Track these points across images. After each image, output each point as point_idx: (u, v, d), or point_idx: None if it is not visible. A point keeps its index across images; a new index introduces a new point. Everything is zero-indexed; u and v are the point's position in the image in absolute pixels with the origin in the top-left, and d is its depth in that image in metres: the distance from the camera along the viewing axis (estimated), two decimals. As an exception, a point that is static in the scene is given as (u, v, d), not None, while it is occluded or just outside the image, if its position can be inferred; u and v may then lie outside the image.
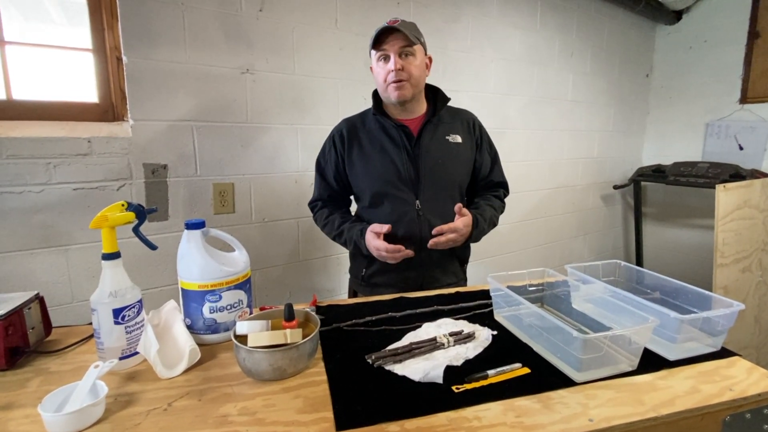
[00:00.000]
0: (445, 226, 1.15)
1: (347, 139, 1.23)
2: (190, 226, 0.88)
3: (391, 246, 1.12)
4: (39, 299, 0.90)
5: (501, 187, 1.36)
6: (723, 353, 0.84)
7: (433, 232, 1.15)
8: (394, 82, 1.13)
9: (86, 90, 1.34)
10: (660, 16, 2.92)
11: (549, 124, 2.57)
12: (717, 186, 2.03)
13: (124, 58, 1.30)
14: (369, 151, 1.20)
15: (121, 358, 0.79)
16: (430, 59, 1.23)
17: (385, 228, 1.14)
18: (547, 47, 2.46)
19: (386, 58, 1.13)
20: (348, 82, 1.75)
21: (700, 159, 2.93)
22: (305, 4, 1.59)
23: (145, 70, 1.33)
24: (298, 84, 1.63)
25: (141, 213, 0.84)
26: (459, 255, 1.32)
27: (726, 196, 2.03)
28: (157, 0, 1.32)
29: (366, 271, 1.27)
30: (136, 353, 0.81)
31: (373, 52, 1.16)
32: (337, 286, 1.86)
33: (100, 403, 0.66)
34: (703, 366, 0.80)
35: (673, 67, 3.06)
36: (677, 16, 2.97)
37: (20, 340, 0.82)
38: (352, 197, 1.34)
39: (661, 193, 3.18)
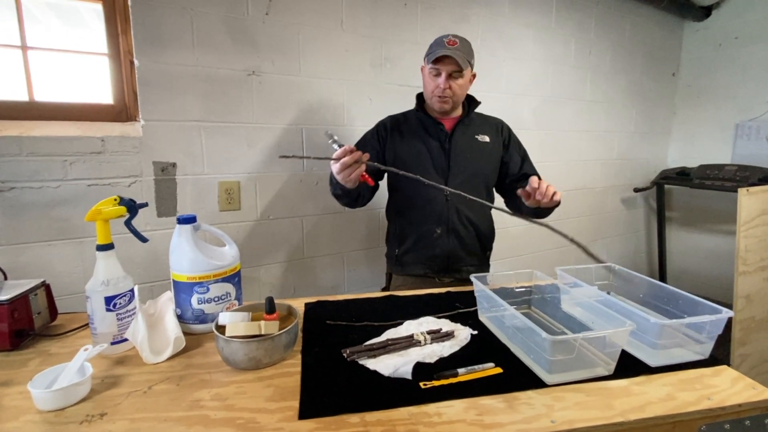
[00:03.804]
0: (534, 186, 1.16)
1: (390, 129, 1.41)
2: (182, 221, 0.93)
3: (342, 152, 1.05)
4: (45, 286, 0.97)
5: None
6: (710, 361, 0.81)
7: (532, 193, 1.16)
8: (439, 96, 1.31)
9: (103, 92, 1.42)
10: (687, 12, 2.80)
11: (565, 125, 2.51)
12: (739, 189, 1.93)
13: (136, 62, 1.37)
14: (409, 139, 1.38)
15: (112, 343, 0.85)
16: (474, 75, 1.38)
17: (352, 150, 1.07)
18: (563, 46, 2.40)
19: (438, 74, 1.29)
20: (353, 83, 1.77)
21: (730, 161, 2.79)
22: (311, 6, 1.63)
23: (156, 72, 1.40)
24: (303, 85, 1.67)
25: (132, 207, 0.89)
26: (482, 239, 1.43)
27: (749, 200, 1.92)
28: (168, 6, 1.39)
29: (398, 250, 1.43)
30: (128, 339, 0.86)
31: (427, 61, 1.31)
32: (340, 283, 1.89)
33: (85, 383, 0.71)
34: (685, 373, 0.77)
35: (701, 65, 2.93)
36: (706, 12, 2.83)
37: (25, 324, 0.89)
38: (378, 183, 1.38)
39: (687, 197, 3.04)
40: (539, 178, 1.20)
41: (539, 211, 1.28)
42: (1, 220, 1.26)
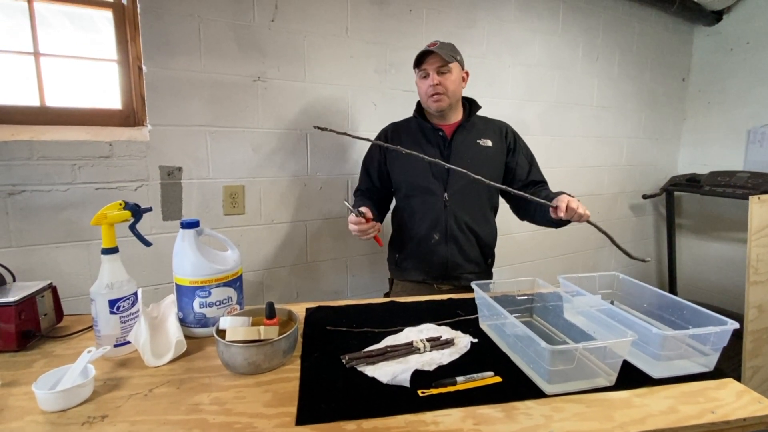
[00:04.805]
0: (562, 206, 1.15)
1: (391, 137, 1.42)
2: (185, 225, 0.94)
3: (355, 219, 1.19)
4: (52, 288, 0.98)
5: (544, 183, 1.44)
6: (715, 374, 0.79)
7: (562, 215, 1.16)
8: (433, 95, 1.31)
9: (112, 97, 1.45)
10: (698, 17, 2.77)
11: (571, 130, 2.50)
12: (750, 197, 1.90)
13: (144, 68, 1.39)
14: (408, 146, 1.34)
15: (115, 346, 0.86)
16: (467, 73, 1.39)
17: (365, 212, 1.20)
18: (570, 51, 2.39)
19: (426, 75, 1.32)
20: (358, 89, 1.78)
21: (741, 168, 2.75)
22: (316, 13, 1.65)
23: (164, 78, 1.42)
24: (308, 91, 1.68)
25: (137, 212, 0.90)
26: (483, 247, 1.41)
27: (761, 208, 1.89)
28: (176, 13, 1.41)
29: (398, 256, 1.45)
30: (130, 342, 0.87)
31: (416, 69, 1.35)
32: (344, 288, 1.89)
33: (87, 385, 0.72)
34: (689, 386, 0.76)
35: (712, 70, 2.89)
36: (717, 16, 2.80)
37: (32, 325, 0.91)
38: (392, 191, 1.49)
39: (698, 204, 3.00)
40: (564, 193, 1.21)
41: (560, 222, 1.27)
42: (12, 222, 1.28)
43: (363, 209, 1.20)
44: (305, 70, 1.66)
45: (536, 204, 1.24)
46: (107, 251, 0.86)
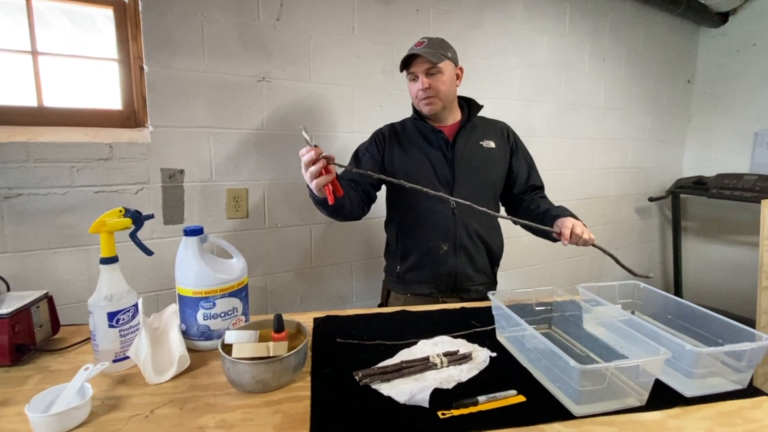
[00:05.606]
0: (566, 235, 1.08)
1: (388, 138, 1.32)
2: (188, 232, 0.89)
3: (308, 151, 0.99)
4: (48, 298, 0.94)
5: (542, 189, 1.40)
6: (749, 392, 0.75)
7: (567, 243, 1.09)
8: (423, 98, 1.24)
9: (112, 97, 1.40)
10: (704, 18, 2.74)
11: (578, 132, 2.46)
12: (763, 201, 1.87)
13: (146, 67, 1.35)
14: (409, 150, 1.29)
15: (114, 361, 0.81)
16: (461, 70, 1.30)
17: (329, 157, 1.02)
18: (577, 52, 2.36)
19: (415, 78, 1.24)
20: (364, 90, 1.74)
21: (748, 170, 2.72)
22: (322, 13, 1.61)
23: (165, 78, 1.38)
24: (313, 91, 1.64)
25: (138, 219, 0.85)
26: (492, 256, 1.35)
27: (773, 212, 1.86)
28: (178, 11, 1.37)
29: (400, 267, 1.33)
30: (130, 357, 0.82)
31: (405, 73, 1.27)
32: (348, 294, 1.84)
33: (84, 406, 0.67)
34: (724, 405, 0.72)
35: (718, 72, 2.86)
36: (723, 18, 2.77)
37: (26, 338, 0.86)
38: (375, 193, 1.32)
39: (704, 207, 2.96)
40: (570, 215, 1.15)
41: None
42: (8, 227, 1.23)
43: (327, 155, 0.99)
44: (310, 71, 1.62)
45: (538, 218, 1.20)
46: (106, 261, 0.81)
